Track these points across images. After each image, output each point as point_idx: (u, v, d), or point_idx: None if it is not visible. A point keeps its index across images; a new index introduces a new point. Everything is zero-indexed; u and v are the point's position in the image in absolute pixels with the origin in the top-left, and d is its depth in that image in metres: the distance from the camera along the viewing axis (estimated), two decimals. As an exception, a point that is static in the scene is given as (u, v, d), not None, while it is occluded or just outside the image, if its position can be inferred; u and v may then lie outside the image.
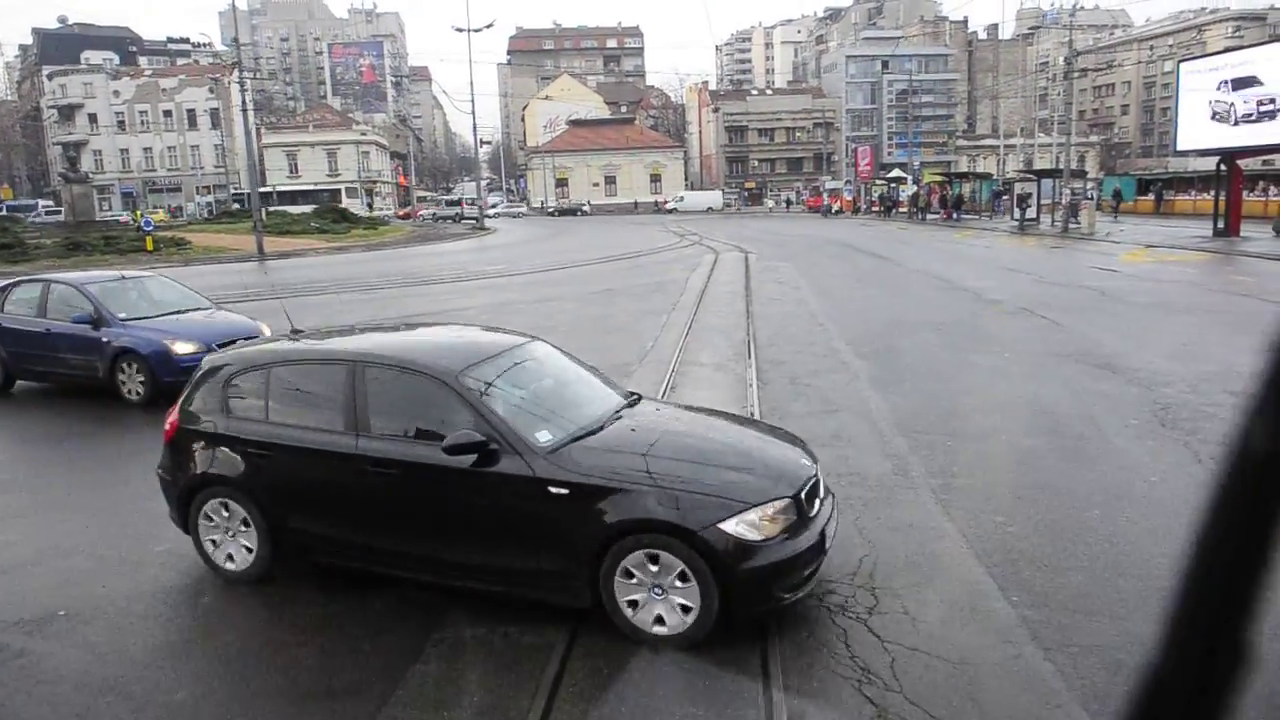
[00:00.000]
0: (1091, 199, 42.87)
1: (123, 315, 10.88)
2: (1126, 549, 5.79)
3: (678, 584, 4.53)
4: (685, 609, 4.54)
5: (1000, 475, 7.37)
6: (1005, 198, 50.01)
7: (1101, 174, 76.71)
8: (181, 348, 10.36)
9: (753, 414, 9.34)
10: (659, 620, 4.59)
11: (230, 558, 5.52)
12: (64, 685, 4.49)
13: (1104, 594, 5.20)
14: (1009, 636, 4.74)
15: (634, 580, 4.60)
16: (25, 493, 7.56)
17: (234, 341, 9.37)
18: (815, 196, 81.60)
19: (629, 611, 4.62)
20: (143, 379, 10.41)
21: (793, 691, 4.22)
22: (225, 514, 5.52)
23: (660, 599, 4.57)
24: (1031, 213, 42.14)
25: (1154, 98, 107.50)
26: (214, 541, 5.58)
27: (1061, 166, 44.73)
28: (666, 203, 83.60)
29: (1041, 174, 46.59)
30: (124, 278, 12.26)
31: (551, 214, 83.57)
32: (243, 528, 5.45)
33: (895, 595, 5.19)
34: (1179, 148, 34.74)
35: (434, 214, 78.42)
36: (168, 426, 5.89)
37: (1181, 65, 33.98)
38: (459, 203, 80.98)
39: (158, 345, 10.43)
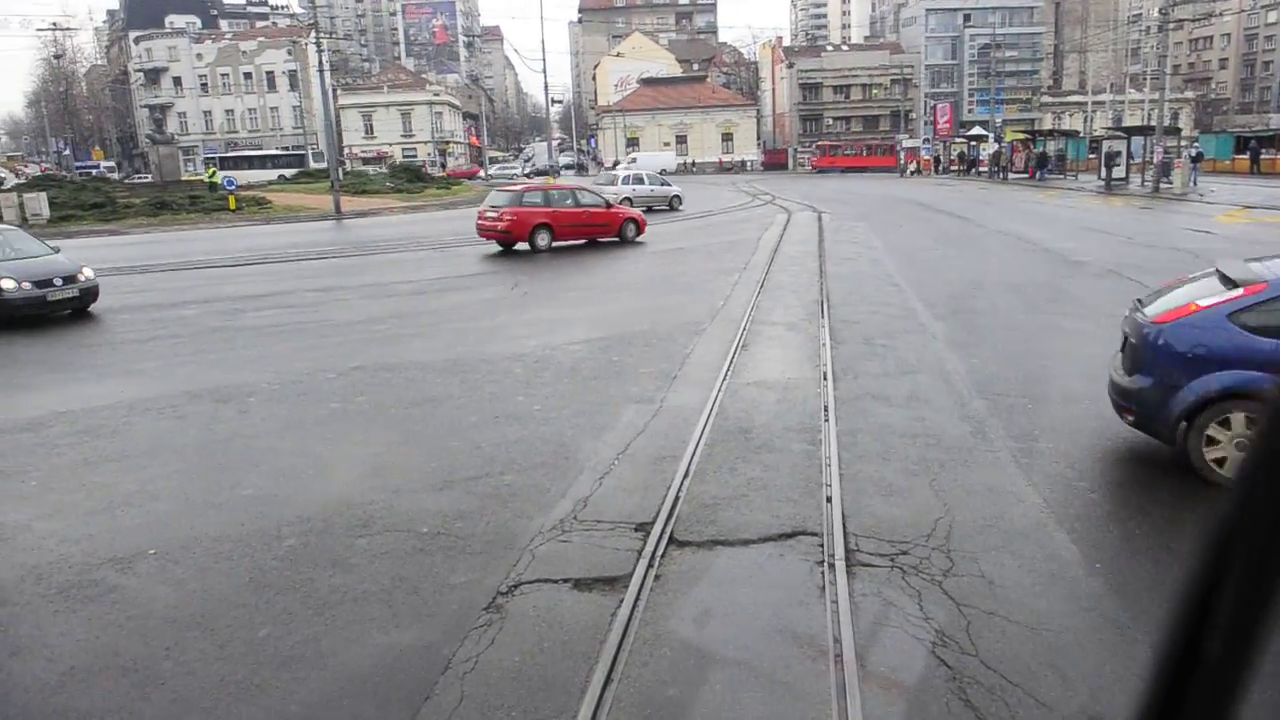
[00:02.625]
0: (1195, 156, 40.65)
1: None
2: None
3: None
4: None
5: (1084, 440, 7.12)
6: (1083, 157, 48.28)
7: (1196, 131, 73.10)
8: None
9: (825, 374, 9.18)
10: None
11: None
12: (154, 620, 4.66)
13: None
14: (1092, 604, 4.59)
15: None
16: (113, 438, 7.86)
17: None
18: (825, 156, 74.50)
19: None
20: None
21: (864, 654, 4.15)
22: None
23: None
24: (1120, 172, 40.39)
25: (1255, 50, 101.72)
26: None
27: (1153, 123, 42.68)
28: (616, 163, 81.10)
29: (1132, 131, 44.58)
30: None
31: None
32: None
33: (972, 559, 5.07)
34: (1283, 102, 32.80)
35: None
36: None
37: (1290, 14, 31.97)
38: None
39: None
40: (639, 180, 34.50)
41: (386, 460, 7.12)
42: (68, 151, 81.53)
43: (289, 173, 64.42)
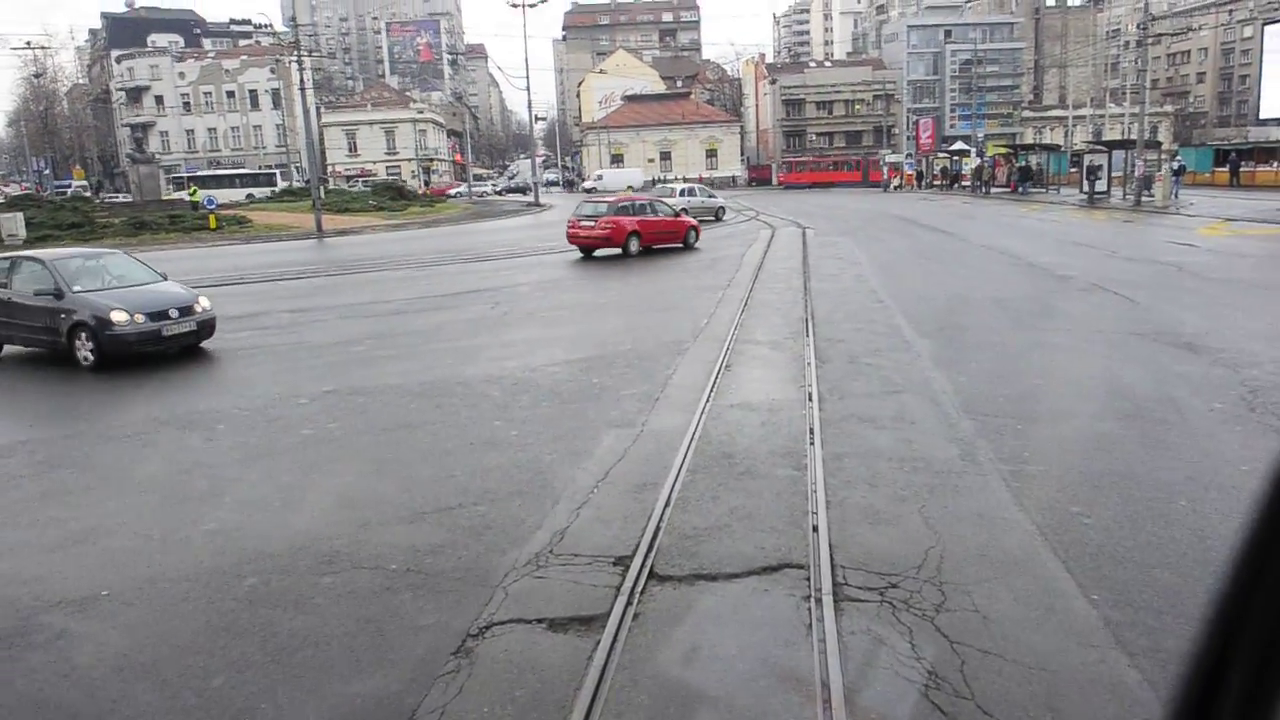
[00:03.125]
0: (1177, 169, 40.81)
1: None
2: (1218, 544, 5.36)
3: None
4: None
5: (1076, 462, 6.94)
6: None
7: (1176, 145, 73.79)
8: None
9: (810, 394, 8.98)
10: None
11: None
12: (101, 669, 4.39)
13: (1195, 593, 4.79)
14: (1090, 639, 4.39)
15: None
16: (74, 469, 7.57)
17: None
18: (791, 173, 76.39)
19: None
20: None
21: (854, 698, 3.93)
22: None
23: None
24: (1102, 185, 40.59)
25: (1233, 64, 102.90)
26: None
27: (1133, 137, 42.93)
28: (584, 181, 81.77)
29: (1113, 145, 44.85)
30: None
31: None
32: None
33: (965, 591, 4.86)
34: (1261, 116, 33.28)
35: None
36: None
37: (1266, 28, 32.31)
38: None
39: None
40: (691, 193, 39.48)
41: (357, 491, 6.86)
42: (48, 171, 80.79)
43: (258, 192, 63.73)
